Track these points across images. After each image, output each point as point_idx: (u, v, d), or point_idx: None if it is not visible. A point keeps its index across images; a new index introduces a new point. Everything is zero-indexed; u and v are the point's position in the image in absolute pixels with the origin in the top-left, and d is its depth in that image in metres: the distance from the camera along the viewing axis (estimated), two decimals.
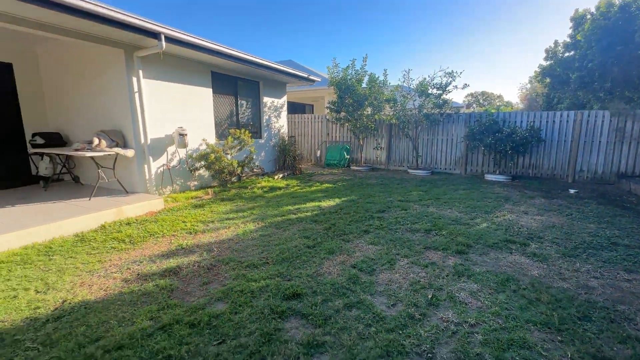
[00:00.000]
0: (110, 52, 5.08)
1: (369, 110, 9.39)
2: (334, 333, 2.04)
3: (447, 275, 2.82)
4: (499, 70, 79.22)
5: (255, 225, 4.25)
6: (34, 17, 3.93)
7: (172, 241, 3.71)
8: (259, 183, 7.07)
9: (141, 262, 3.16)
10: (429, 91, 8.56)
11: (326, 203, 5.42)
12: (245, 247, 3.51)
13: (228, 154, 6.50)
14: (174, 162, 5.96)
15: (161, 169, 5.72)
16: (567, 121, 7.79)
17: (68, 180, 6.33)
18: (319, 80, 9.60)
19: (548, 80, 10.25)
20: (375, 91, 8.98)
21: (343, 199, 5.74)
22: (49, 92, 6.32)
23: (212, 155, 6.00)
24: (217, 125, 6.98)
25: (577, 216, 4.65)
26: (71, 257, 3.24)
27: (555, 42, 10.16)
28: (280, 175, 8.06)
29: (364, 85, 9.12)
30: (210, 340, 1.97)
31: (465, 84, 8.62)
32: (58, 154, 5.65)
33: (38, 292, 2.59)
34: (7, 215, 4.04)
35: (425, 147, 9.46)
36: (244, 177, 7.41)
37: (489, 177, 7.98)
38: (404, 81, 9.02)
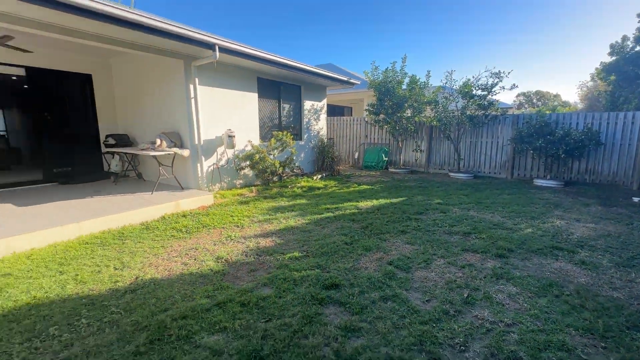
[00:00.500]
0: (172, 63, 5.70)
1: (408, 112, 9.33)
2: (369, 321, 2.19)
3: (484, 277, 2.82)
4: (557, 68, 73.04)
5: (296, 222, 4.52)
6: (111, 35, 4.57)
7: (222, 233, 4.10)
8: (298, 183, 7.38)
9: (197, 249, 3.55)
10: (473, 92, 8.30)
11: (363, 204, 5.54)
12: (287, 241, 3.78)
13: (271, 154, 6.88)
14: (223, 162, 6.47)
15: (211, 167, 6.25)
16: (633, 122, 7.11)
17: (132, 176, 7.14)
18: (359, 82, 9.73)
19: (613, 77, 9.38)
20: (416, 93, 8.90)
21: (380, 200, 5.82)
22: (119, 98, 7.20)
23: (257, 156, 6.42)
24: (261, 127, 7.42)
25: (638, 225, 4.29)
26: (139, 242, 3.73)
27: (624, 37, 9.28)
28: (319, 176, 8.31)
29: (404, 87, 9.08)
30: (259, 318, 2.23)
31: (514, 85, 8.23)
32: (126, 153, 6.42)
33: (116, 269, 3.06)
34: (88, 205, 4.72)
35: (467, 149, 9.16)
36: (285, 177, 7.76)
37: (539, 182, 7.53)
38: (446, 82, 8.83)
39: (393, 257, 3.24)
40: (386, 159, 10.16)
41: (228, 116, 6.46)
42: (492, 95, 8.22)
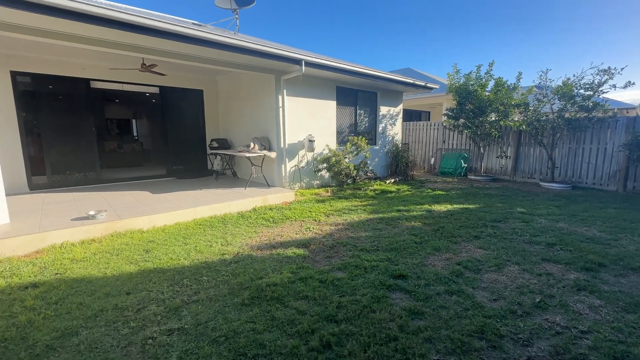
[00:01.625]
0: (265, 77, 6.63)
1: (492, 116, 8.76)
2: (433, 308, 2.40)
3: (563, 287, 2.72)
4: None
5: (368, 221, 4.84)
6: (219, 58, 5.62)
7: (302, 225, 4.67)
8: (371, 186, 7.66)
9: (282, 236, 4.17)
10: (574, 92, 7.39)
11: (436, 208, 5.55)
12: (359, 237, 4.13)
13: (346, 158, 7.34)
14: (303, 164, 7.18)
15: (293, 168, 7.00)
16: None
17: (229, 174, 8.41)
18: (437, 87, 9.54)
19: None
20: (502, 96, 8.32)
21: (455, 205, 5.73)
22: (222, 108, 8.58)
23: (333, 159, 6.94)
24: (338, 132, 7.95)
25: None
26: (237, 227, 4.55)
27: None
28: (392, 180, 8.45)
29: (488, 90, 8.59)
30: (334, 293, 2.64)
31: (629, 82, 7.05)
32: (226, 154, 7.65)
33: (222, 245, 3.85)
34: (198, 195, 5.85)
35: (564, 157, 8.14)
36: (358, 180, 8.13)
37: None
38: (539, 82, 8.05)
39: (462, 259, 3.31)
40: (465, 165, 9.68)
41: (309, 122, 7.15)
42: (599, 95, 7.20)
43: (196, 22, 6.95)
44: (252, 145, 6.45)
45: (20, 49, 5.58)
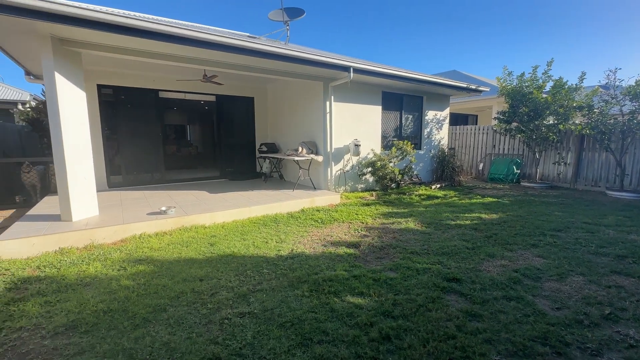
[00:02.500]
0: (313, 84, 6.92)
1: (550, 119, 8.22)
2: (491, 311, 2.40)
3: (637, 301, 2.55)
4: None
5: (415, 225, 4.85)
6: (272, 67, 5.99)
7: (350, 226, 4.81)
8: (416, 191, 7.59)
9: (331, 236, 4.35)
10: None
11: (487, 215, 5.37)
12: (408, 240, 4.17)
13: (391, 162, 7.36)
14: (348, 167, 7.33)
15: (338, 172, 7.18)
16: None
17: (276, 177, 8.82)
18: (487, 90, 9.17)
19: None
20: (561, 98, 7.79)
21: (508, 213, 5.50)
22: (271, 114, 9.06)
23: (378, 163, 7.01)
24: (383, 137, 7.99)
25: None
26: (288, 226, 4.81)
27: None
28: (438, 186, 8.27)
29: (545, 91, 8.08)
30: (388, 291, 2.74)
31: None
32: (274, 157, 8.05)
33: (277, 242, 4.11)
34: (250, 196, 6.25)
35: (637, 163, 7.38)
36: (403, 185, 8.09)
37: None
38: (606, 82, 7.41)
39: (519, 266, 3.23)
40: (518, 171, 9.16)
41: (354, 127, 7.30)
42: None
43: (251, 34, 7.47)
44: (300, 149, 6.74)
45: (105, 65, 6.44)
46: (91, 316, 2.37)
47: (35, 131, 8.14)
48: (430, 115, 8.91)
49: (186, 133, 14.19)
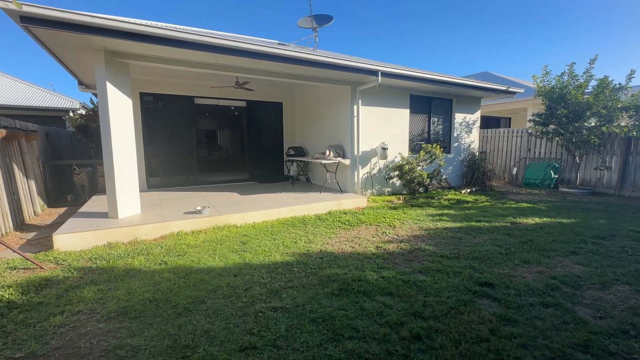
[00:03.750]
0: (341, 89, 7.02)
1: (592, 121, 7.76)
2: (526, 317, 2.34)
3: None
4: None
5: (445, 229, 4.77)
6: (300, 73, 6.15)
7: (377, 229, 4.82)
8: (445, 195, 7.43)
9: (359, 238, 4.38)
10: None
11: (522, 220, 5.17)
12: (437, 243, 4.12)
13: (419, 166, 7.27)
14: (375, 171, 7.33)
15: (365, 175, 7.20)
16: None
17: (303, 180, 8.98)
18: (521, 91, 8.83)
19: None
20: (605, 98, 7.34)
21: (545, 219, 5.26)
22: (298, 119, 9.26)
23: (406, 166, 6.95)
24: (411, 140, 7.92)
25: None
26: (316, 228, 4.90)
27: None
28: (468, 190, 8.04)
29: (587, 91, 7.65)
30: (418, 293, 2.74)
31: None
32: (301, 161, 8.21)
33: (306, 242, 4.21)
34: (279, 198, 6.42)
35: None
36: (431, 189, 7.95)
37: None
38: None
39: (558, 273, 3.10)
40: (555, 176, 8.69)
41: (382, 131, 7.30)
42: None
43: (280, 42, 7.72)
44: (327, 152, 6.85)
45: (146, 74, 6.92)
46: (139, 304, 2.58)
47: (84, 136, 8.87)
48: (459, 118, 8.71)
49: (218, 137, 14.70)
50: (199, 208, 5.02)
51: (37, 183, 6.05)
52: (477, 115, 9.09)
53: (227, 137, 14.63)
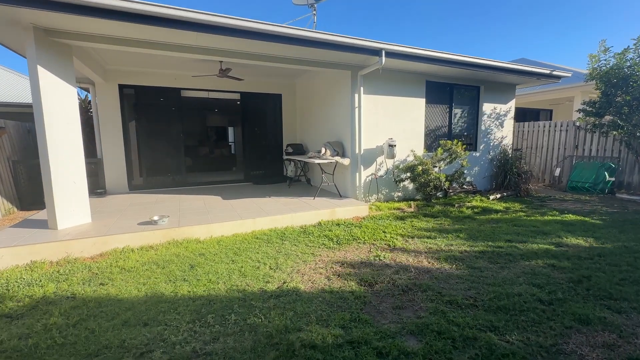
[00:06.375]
0: (340, 75, 5.93)
1: None
2: None
3: None
4: None
5: (462, 253, 3.58)
6: (293, 55, 5.15)
7: (372, 250, 3.73)
8: (468, 202, 6.13)
9: (343, 264, 3.32)
10: None
11: (573, 241, 3.86)
12: (447, 277, 2.97)
13: (436, 166, 6.03)
14: (381, 172, 6.18)
15: (369, 177, 6.07)
16: None
17: (303, 181, 7.99)
18: (568, 75, 7.23)
19: None
20: None
21: (604, 240, 3.90)
22: (299, 112, 8.26)
23: (419, 168, 5.74)
24: (427, 135, 6.67)
25: None
26: (295, 245, 3.89)
27: None
28: (497, 196, 6.66)
29: None
30: None
31: None
32: (298, 160, 7.22)
33: (271, 268, 3.23)
34: (265, 204, 5.47)
35: None
36: (451, 193, 6.66)
37: None
38: None
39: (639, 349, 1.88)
40: (611, 179, 7.05)
41: (390, 124, 6.13)
42: None
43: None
44: (323, 150, 5.80)
45: (125, 63, 6.22)
46: None
47: None
48: (488, 109, 7.30)
49: (209, 134, 13.79)
50: (155, 218, 4.18)
51: (2, 185, 5.53)
52: (510, 105, 7.61)
53: (220, 134, 13.73)
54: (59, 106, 3.82)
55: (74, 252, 3.52)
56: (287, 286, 2.82)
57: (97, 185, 6.61)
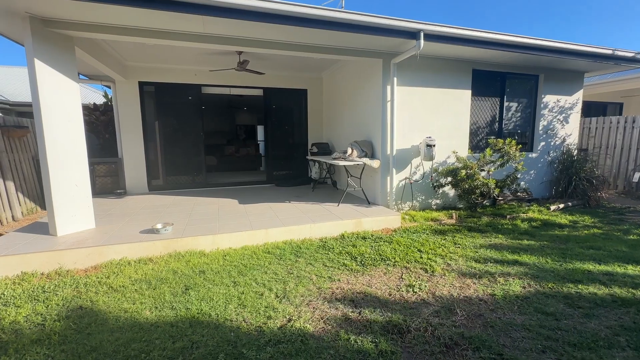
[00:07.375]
0: (370, 64, 5.20)
1: None
2: None
3: None
4: None
5: (526, 288, 2.74)
6: (318, 42, 4.51)
7: (403, 276, 3.01)
8: (522, 213, 5.13)
9: (366, 296, 2.64)
10: None
11: None
12: (508, 326, 2.18)
13: (483, 170, 5.10)
14: (417, 176, 5.36)
15: (403, 182, 5.28)
16: None
17: (328, 184, 7.35)
18: None
19: None
20: None
21: None
22: (326, 108, 7.62)
23: (463, 172, 4.86)
24: (472, 133, 5.72)
25: None
26: (310, 265, 3.28)
27: None
28: (560, 206, 5.54)
29: None
30: None
31: None
32: (323, 162, 6.59)
33: (277, 296, 2.64)
34: (282, 210, 4.90)
35: None
36: (500, 201, 5.66)
37: None
38: None
39: None
40: None
41: (428, 121, 5.29)
42: None
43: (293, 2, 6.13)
44: (349, 151, 5.11)
45: (144, 60, 5.98)
46: None
47: (91, 132, 8.39)
48: (549, 101, 6.14)
49: (234, 132, 13.44)
50: (158, 226, 3.77)
51: (25, 183, 5.52)
52: (577, 97, 6.37)
53: (242, 132, 13.35)
54: (59, 103, 3.53)
55: (67, 264, 3.19)
56: (292, 326, 2.21)
57: (117, 186, 6.48)
